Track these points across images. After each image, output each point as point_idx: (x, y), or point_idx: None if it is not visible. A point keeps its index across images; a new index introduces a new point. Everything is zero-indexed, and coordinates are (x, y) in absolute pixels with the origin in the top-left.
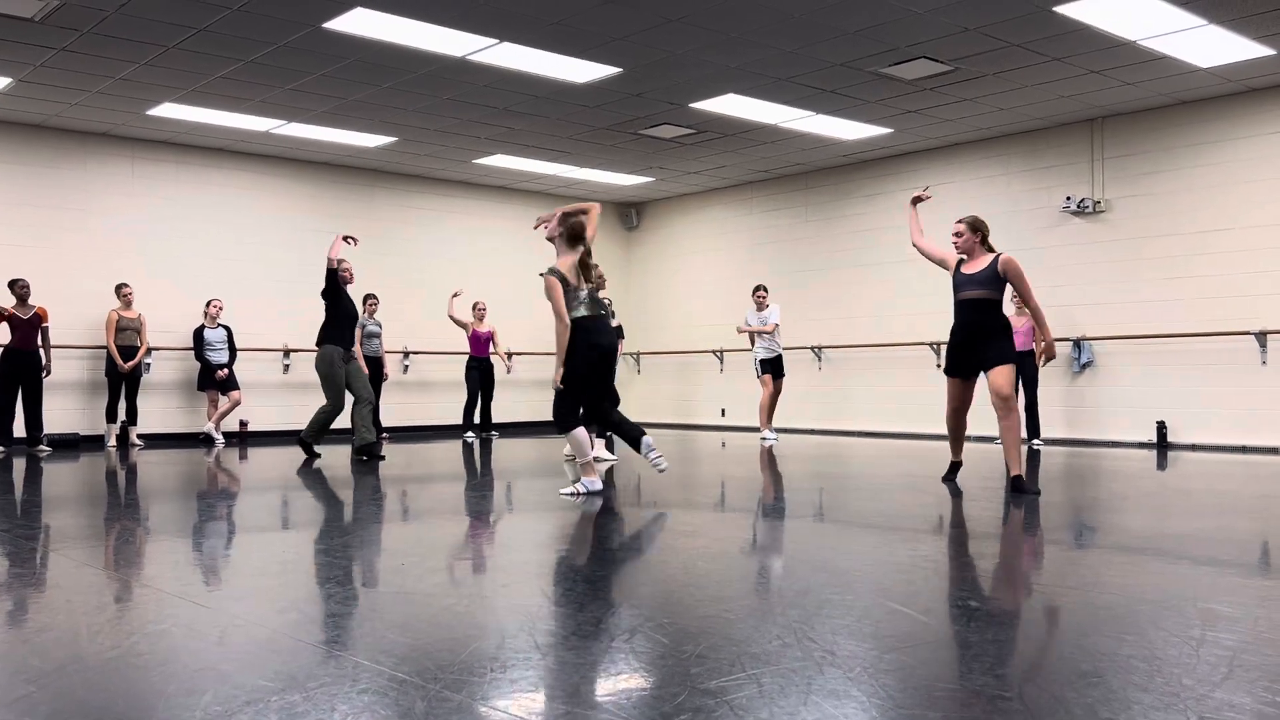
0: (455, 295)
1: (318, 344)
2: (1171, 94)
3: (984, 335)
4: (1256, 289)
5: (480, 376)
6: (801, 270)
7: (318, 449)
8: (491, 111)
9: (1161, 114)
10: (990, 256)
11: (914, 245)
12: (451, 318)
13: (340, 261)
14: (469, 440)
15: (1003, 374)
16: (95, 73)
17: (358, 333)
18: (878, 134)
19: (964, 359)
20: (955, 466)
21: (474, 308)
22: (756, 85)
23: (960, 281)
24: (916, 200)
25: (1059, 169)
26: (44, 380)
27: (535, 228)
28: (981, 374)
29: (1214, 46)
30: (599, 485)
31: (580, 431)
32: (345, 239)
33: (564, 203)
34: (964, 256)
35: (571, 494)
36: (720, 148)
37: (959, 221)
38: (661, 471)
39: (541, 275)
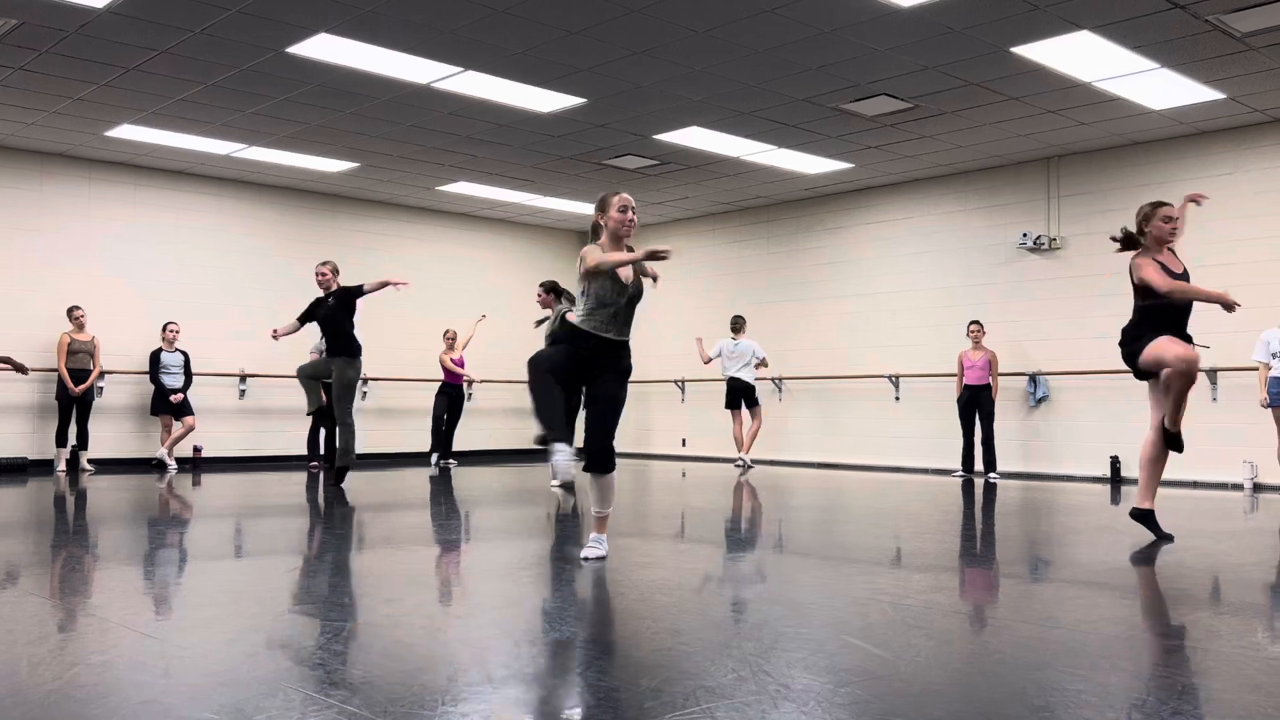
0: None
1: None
2: (1125, 135)
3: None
4: (1209, 328)
5: (448, 403)
6: (763, 302)
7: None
8: (455, 139)
9: (1115, 154)
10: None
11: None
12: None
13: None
14: (433, 467)
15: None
16: (53, 93)
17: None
18: (839, 168)
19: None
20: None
21: (444, 335)
22: (720, 118)
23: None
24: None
25: (1016, 206)
26: None
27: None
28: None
29: (1166, 89)
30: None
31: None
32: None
33: (526, 230)
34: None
35: (598, 557)
36: (683, 179)
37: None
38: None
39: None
